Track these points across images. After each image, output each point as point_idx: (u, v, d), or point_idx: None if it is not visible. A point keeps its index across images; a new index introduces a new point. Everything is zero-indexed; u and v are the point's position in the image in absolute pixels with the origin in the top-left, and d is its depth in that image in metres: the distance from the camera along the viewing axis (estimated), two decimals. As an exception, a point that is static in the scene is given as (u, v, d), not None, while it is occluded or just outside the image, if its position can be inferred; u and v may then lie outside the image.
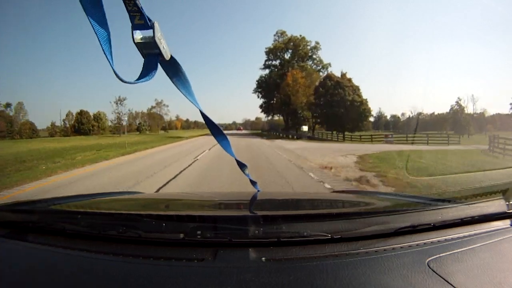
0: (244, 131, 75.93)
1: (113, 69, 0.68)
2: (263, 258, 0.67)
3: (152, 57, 0.77)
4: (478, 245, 0.73)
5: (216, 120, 1.01)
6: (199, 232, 0.72)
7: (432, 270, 0.62)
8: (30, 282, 0.63)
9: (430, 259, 0.65)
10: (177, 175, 6.86)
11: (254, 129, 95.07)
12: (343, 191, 2.08)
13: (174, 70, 0.86)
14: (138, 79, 0.74)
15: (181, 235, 0.72)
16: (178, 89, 0.88)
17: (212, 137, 1.04)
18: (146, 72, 0.76)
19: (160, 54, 0.76)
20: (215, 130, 1.02)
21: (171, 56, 0.81)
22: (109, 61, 0.68)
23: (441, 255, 0.67)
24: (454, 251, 0.69)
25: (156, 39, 0.73)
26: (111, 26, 0.69)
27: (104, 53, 0.68)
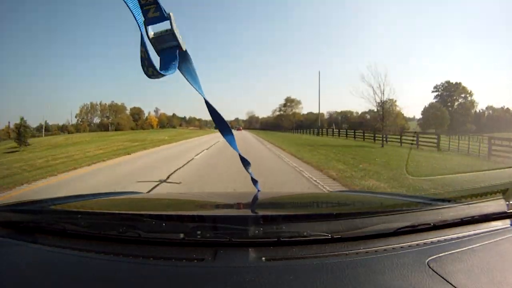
0: (243, 131, 59.38)
1: (150, 59, 0.68)
2: (263, 258, 0.67)
3: (170, 50, 0.76)
4: (478, 245, 0.73)
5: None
6: (199, 232, 0.72)
7: (432, 270, 0.62)
8: (30, 282, 0.63)
9: (430, 259, 0.65)
10: None
11: (264, 127, 77.93)
12: (343, 191, 2.08)
13: (185, 61, 0.86)
14: (163, 71, 0.73)
15: (181, 235, 0.72)
16: (186, 78, 0.88)
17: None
18: (168, 65, 0.75)
19: (178, 45, 0.75)
20: (220, 124, 1.03)
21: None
22: (146, 51, 0.68)
23: (441, 255, 0.67)
24: (454, 251, 0.69)
25: (174, 29, 0.72)
26: (118, 31, 0.67)
27: (144, 41, 0.67)
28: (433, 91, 55.10)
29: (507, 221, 0.86)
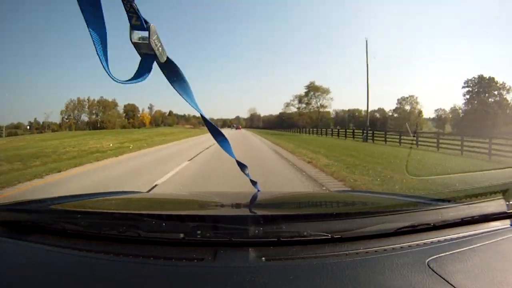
0: (242, 130, 52.63)
1: (105, 69, 0.69)
2: (263, 258, 0.67)
3: (147, 58, 0.77)
4: (478, 245, 0.73)
5: (214, 114, 0.99)
6: (199, 232, 0.72)
7: (432, 270, 0.62)
8: (30, 282, 0.63)
9: (430, 259, 0.65)
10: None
11: (267, 126, 68.21)
12: (343, 191, 2.08)
13: (171, 72, 0.85)
14: (131, 80, 0.75)
15: (181, 235, 0.72)
16: (177, 91, 0.88)
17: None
18: (140, 73, 0.77)
19: (155, 56, 0.77)
20: (215, 132, 1.04)
21: (168, 58, 0.81)
22: (101, 61, 0.69)
23: (441, 255, 0.67)
24: (454, 251, 0.69)
25: (151, 41, 0.74)
26: (110, 23, 0.69)
27: (97, 53, 0.68)
28: (463, 87, 49.04)
29: (507, 221, 0.86)
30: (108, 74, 0.70)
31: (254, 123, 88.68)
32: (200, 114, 0.95)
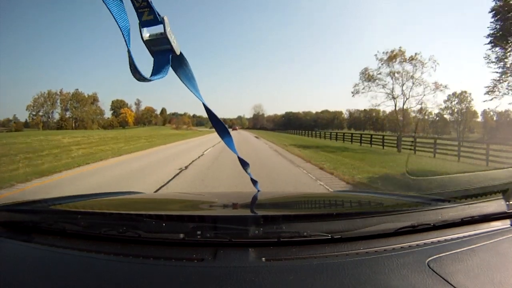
0: (241, 131, 46.63)
1: (135, 65, 0.67)
2: (263, 258, 0.67)
3: (163, 53, 0.76)
4: (478, 245, 0.73)
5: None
6: (199, 232, 0.72)
7: (432, 270, 0.62)
8: (30, 282, 0.63)
9: (430, 259, 0.65)
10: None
11: (274, 128, 59.98)
12: (343, 191, 2.08)
13: (181, 64, 0.85)
14: (152, 76, 0.73)
15: (181, 235, 0.72)
16: (183, 83, 0.87)
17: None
18: (160, 68, 0.75)
19: (171, 49, 0.75)
20: (219, 127, 1.03)
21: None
22: (130, 56, 0.67)
23: (441, 255, 0.67)
24: (454, 251, 0.69)
25: (167, 33, 0.72)
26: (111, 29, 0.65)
27: (128, 47, 0.67)
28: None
29: (507, 221, 0.86)
30: (136, 71, 0.68)
31: (259, 122, 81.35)
32: (204, 106, 0.95)
